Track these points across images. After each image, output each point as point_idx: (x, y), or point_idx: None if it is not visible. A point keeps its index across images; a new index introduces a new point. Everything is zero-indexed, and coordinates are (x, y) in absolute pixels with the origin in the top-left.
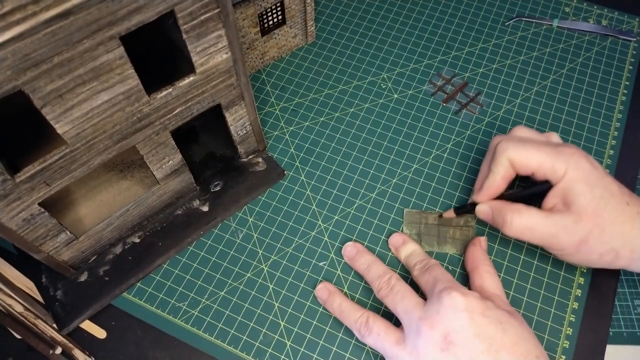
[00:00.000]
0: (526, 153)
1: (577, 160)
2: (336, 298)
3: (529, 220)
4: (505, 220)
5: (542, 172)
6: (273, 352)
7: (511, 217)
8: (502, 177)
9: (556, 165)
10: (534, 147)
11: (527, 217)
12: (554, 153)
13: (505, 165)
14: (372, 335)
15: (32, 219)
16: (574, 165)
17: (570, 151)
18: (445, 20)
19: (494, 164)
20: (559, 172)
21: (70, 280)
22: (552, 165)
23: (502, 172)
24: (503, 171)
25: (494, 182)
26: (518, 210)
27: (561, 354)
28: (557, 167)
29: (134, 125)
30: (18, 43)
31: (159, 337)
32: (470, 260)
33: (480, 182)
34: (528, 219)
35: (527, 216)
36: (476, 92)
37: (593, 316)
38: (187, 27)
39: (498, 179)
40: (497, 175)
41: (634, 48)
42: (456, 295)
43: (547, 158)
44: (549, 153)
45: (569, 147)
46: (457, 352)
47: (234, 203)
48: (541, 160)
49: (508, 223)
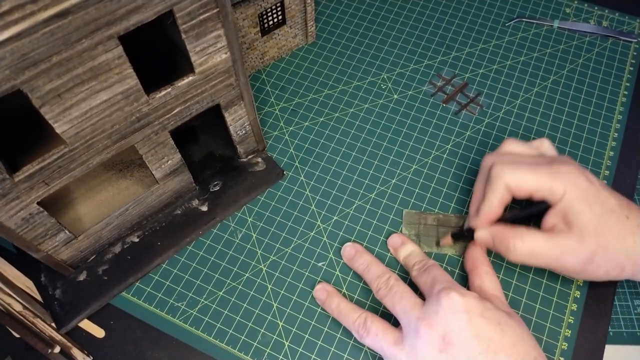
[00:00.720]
0: (523, 177)
1: (574, 179)
2: (334, 299)
3: (533, 245)
4: (508, 248)
5: (540, 194)
6: (271, 352)
7: (514, 243)
8: (499, 202)
9: (554, 187)
10: (530, 170)
11: (531, 242)
12: (550, 174)
13: (502, 191)
14: (370, 336)
15: (31, 218)
16: (572, 185)
17: (566, 169)
18: (446, 20)
19: (490, 190)
20: (558, 193)
21: (69, 279)
22: (550, 187)
23: (499, 197)
24: (500, 196)
25: (490, 208)
26: (520, 235)
27: (560, 355)
28: (556, 189)
29: (133, 125)
30: (16, 42)
31: (158, 336)
32: (469, 261)
33: (475, 205)
34: (532, 244)
35: (530, 241)
36: (476, 93)
37: (592, 318)
38: (186, 26)
39: (495, 204)
40: (493, 201)
41: (634, 49)
42: (455, 296)
43: (545, 180)
44: (546, 174)
45: (565, 165)
46: (455, 352)
47: (233, 203)
48: (539, 183)
49: (512, 250)
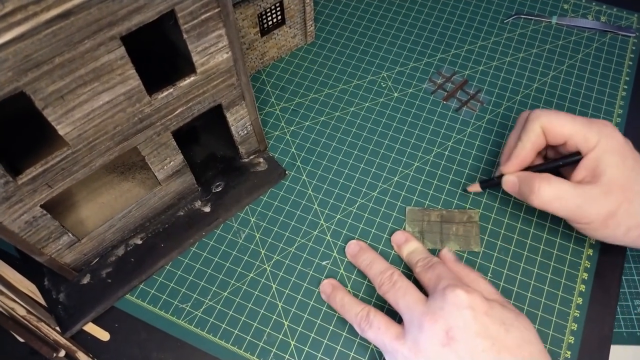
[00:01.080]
0: (560, 121)
1: (610, 132)
2: (339, 293)
3: (558, 189)
4: (532, 189)
5: (573, 141)
6: (277, 352)
7: (539, 185)
8: (532, 144)
9: (588, 135)
10: (568, 116)
11: (556, 185)
12: (587, 123)
13: (537, 132)
14: (372, 330)
15: (34, 221)
16: (606, 137)
17: (603, 123)
18: (444, 18)
19: (525, 132)
20: (591, 142)
21: (72, 282)
22: (584, 135)
23: (533, 139)
24: (534, 138)
25: (523, 150)
26: (547, 178)
27: (567, 349)
28: (590, 137)
29: (135, 126)
30: (19, 44)
31: (163, 338)
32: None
33: (507, 153)
34: (557, 188)
35: (556, 185)
36: (476, 90)
37: (598, 311)
38: (188, 26)
39: (528, 146)
40: (527, 143)
41: (633, 44)
42: (460, 293)
43: (581, 127)
44: (583, 123)
45: (602, 120)
46: (457, 348)
47: (236, 203)
48: (574, 129)
49: (536, 191)
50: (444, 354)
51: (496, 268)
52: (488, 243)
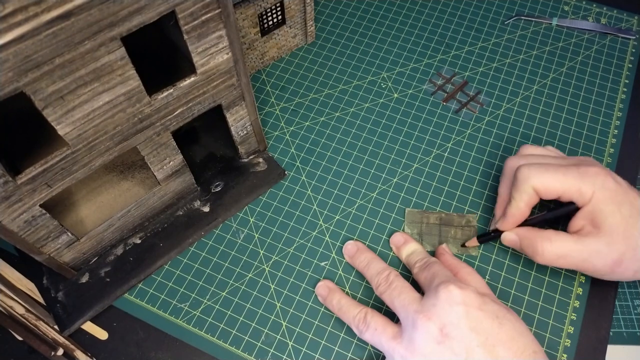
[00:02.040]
0: (551, 179)
1: (603, 181)
2: (335, 295)
3: (561, 248)
4: (536, 250)
5: (568, 195)
6: (275, 352)
7: (542, 246)
8: (525, 204)
9: (583, 189)
10: (558, 172)
11: (559, 244)
12: (578, 176)
13: (529, 193)
14: (370, 331)
15: (34, 220)
16: (600, 186)
17: (594, 171)
18: (445, 19)
19: (517, 192)
20: (587, 195)
21: (71, 281)
22: (578, 189)
23: (526, 200)
24: (527, 198)
25: (518, 210)
26: (548, 238)
27: (563, 352)
28: (584, 190)
29: (135, 126)
30: (20, 44)
31: (161, 337)
32: (447, 269)
33: (500, 207)
34: (560, 247)
35: (558, 244)
36: (476, 91)
37: (594, 314)
38: (188, 27)
39: (522, 206)
40: (520, 203)
41: (633, 46)
42: (453, 289)
43: (573, 182)
44: (574, 176)
45: (592, 167)
46: (452, 345)
47: (235, 203)
48: (567, 185)
49: (540, 253)
50: (440, 351)
51: (494, 270)
52: (486, 246)
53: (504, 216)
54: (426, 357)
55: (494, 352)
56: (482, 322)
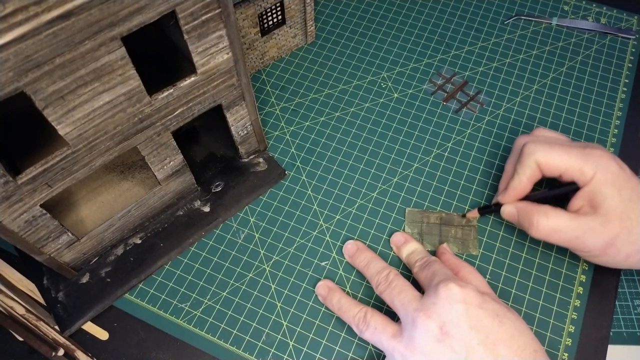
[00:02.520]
0: (555, 156)
1: (605, 163)
2: (335, 294)
3: (556, 222)
4: (532, 222)
5: (569, 174)
6: (276, 352)
7: (538, 218)
8: (528, 178)
9: (585, 168)
10: (563, 150)
11: (554, 218)
12: (582, 155)
13: (532, 167)
14: (370, 330)
15: (34, 220)
16: (602, 168)
17: (598, 153)
18: (445, 19)
19: (521, 166)
20: (588, 175)
21: (71, 282)
22: (580, 168)
23: (529, 174)
24: (530, 173)
25: (519, 184)
26: (545, 211)
27: (564, 351)
28: (586, 170)
29: (136, 126)
30: (20, 44)
31: (161, 338)
32: (449, 268)
33: (504, 182)
34: (555, 221)
35: (554, 218)
36: (476, 91)
37: (595, 313)
38: (189, 27)
39: (524, 180)
40: (523, 177)
41: (633, 45)
42: (453, 287)
43: (576, 161)
44: (578, 155)
45: (597, 149)
46: (452, 343)
47: (235, 203)
48: (570, 163)
49: (535, 225)
50: (440, 350)
51: (494, 270)
52: (486, 245)
53: (506, 189)
54: (426, 356)
55: (495, 350)
56: (482, 320)
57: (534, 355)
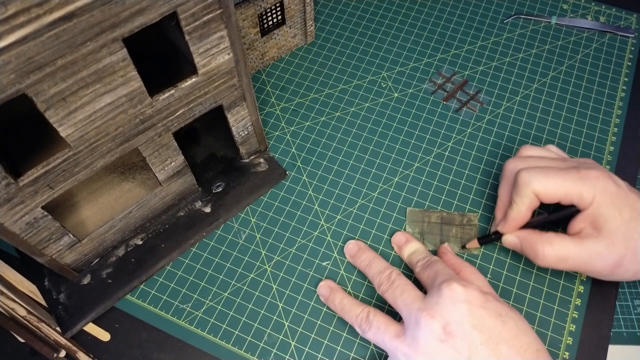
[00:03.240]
0: (552, 184)
1: (603, 184)
2: (337, 295)
3: (562, 250)
4: (537, 253)
5: (568, 199)
6: (277, 353)
7: (542, 249)
8: (527, 208)
9: (584, 193)
10: (559, 177)
11: (559, 247)
12: (579, 179)
13: (530, 197)
14: (372, 329)
15: (36, 222)
16: (601, 190)
17: (594, 174)
18: (444, 18)
19: (518, 196)
20: (587, 199)
21: (73, 283)
22: (579, 193)
23: (527, 204)
24: (528, 203)
25: (519, 214)
26: (549, 241)
27: (565, 350)
28: (585, 194)
29: (137, 127)
30: (22, 46)
31: (163, 338)
32: (450, 267)
33: (501, 210)
34: (560, 250)
35: (559, 246)
36: (476, 90)
37: (596, 312)
38: (190, 28)
39: (523, 210)
40: (522, 207)
41: (632, 44)
42: (456, 287)
43: (574, 186)
44: (574, 180)
45: (592, 170)
46: (456, 343)
47: (236, 204)
48: (568, 189)
49: (540, 256)
50: (443, 350)
51: (495, 269)
52: (488, 244)
53: (504, 220)
54: (429, 355)
55: (497, 350)
56: (485, 320)
57: (537, 354)
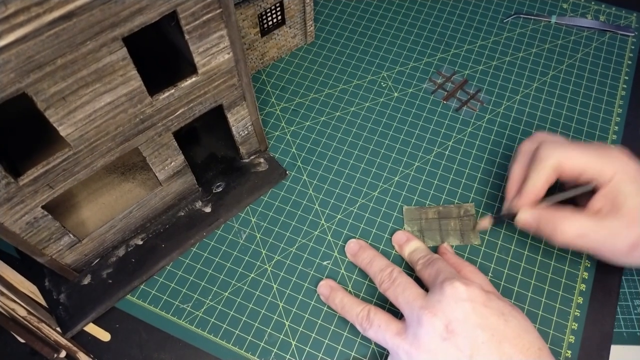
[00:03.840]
0: (574, 156)
1: (625, 162)
2: (338, 294)
3: (581, 227)
4: (555, 230)
5: (588, 175)
6: (278, 352)
7: (561, 225)
8: (545, 181)
9: (604, 168)
10: (581, 150)
11: (579, 224)
12: (601, 154)
13: (549, 170)
14: (373, 328)
15: (36, 222)
16: (622, 168)
17: (617, 152)
18: (444, 18)
19: (537, 169)
20: (608, 175)
21: (73, 283)
22: (600, 168)
23: (546, 176)
24: (547, 175)
25: (534, 187)
26: (567, 217)
27: (567, 348)
28: (606, 170)
29: (137, 126)
30: (22, 45)
31: (164, 338)
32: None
33: (513, 188)
34: (580, 227)
35: (578, 223)
36: (476, 90)
37: (598, 310)
38: (190, 27)
39: (541, 183)
40: (539, 180)
41: (632, 43)
42: (459, 285)
43: (595, 159)
44: (597, 154)
45: (614, 150)
46: (458, 341)
47: (237, 204)
48: (588, 163)
49: (559, 233)
50: (445, 348)
51: (497, 267)
52: (488, 243)
53: (519, 194)
54: (431, 354)
55: (500, 348)
56: (487, 318)
57: (539, 353)
